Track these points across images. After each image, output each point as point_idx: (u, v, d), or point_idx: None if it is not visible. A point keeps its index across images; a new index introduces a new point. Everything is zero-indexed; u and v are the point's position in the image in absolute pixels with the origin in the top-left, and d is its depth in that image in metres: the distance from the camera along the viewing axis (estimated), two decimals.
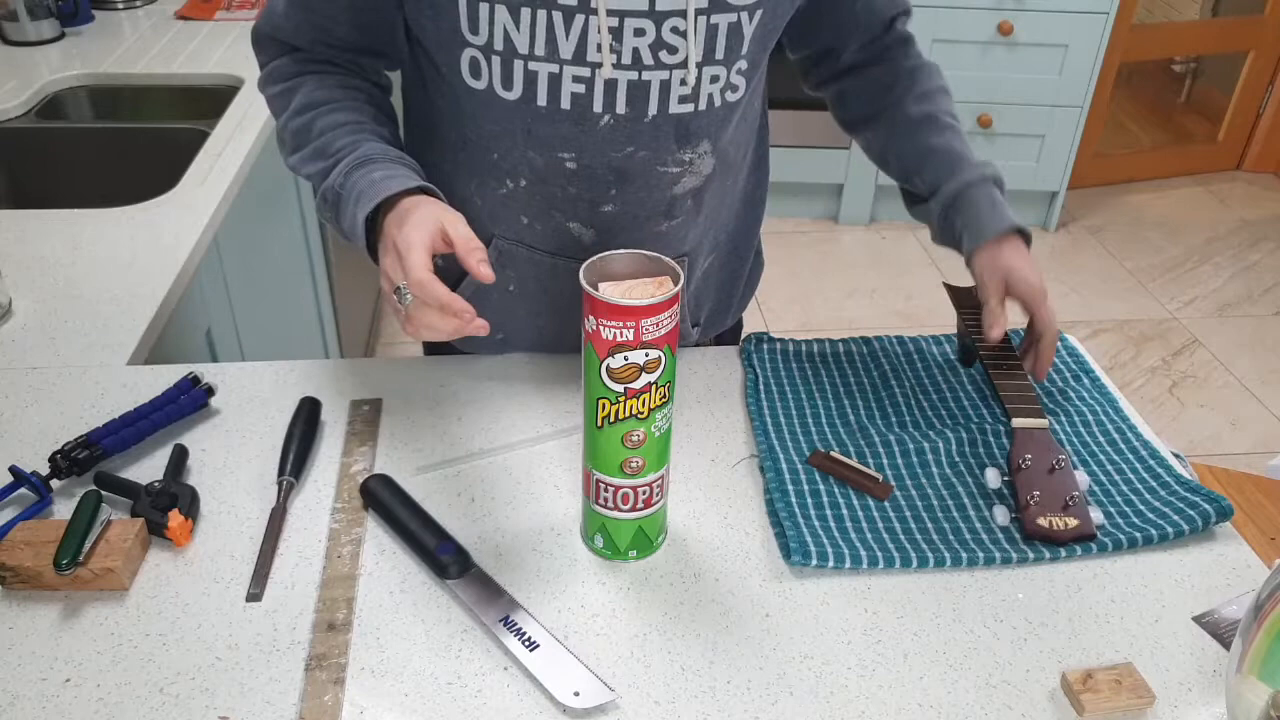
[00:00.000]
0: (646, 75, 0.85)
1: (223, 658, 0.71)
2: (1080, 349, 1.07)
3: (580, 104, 0.86)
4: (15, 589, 0.76)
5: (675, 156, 0.91)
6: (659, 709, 0.69)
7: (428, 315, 0.75)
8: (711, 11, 0.83)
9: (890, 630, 0.75)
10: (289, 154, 0.92)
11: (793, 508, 0.84)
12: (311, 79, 0.91)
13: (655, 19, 0.82)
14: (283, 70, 0.93)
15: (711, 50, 0.86)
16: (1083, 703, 0.69)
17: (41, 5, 1.90)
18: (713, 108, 0.89)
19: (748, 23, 0.86)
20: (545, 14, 0.81)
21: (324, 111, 0.89)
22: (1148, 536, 0.82)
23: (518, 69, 0.84)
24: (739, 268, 1.12)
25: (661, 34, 0.83)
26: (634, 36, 0.83)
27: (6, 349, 1.05)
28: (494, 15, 0.82)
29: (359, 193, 0.83)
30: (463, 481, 0.88)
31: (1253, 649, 0.62)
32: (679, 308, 0.69)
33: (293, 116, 0.91)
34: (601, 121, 0.87)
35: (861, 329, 2.73)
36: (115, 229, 1.28)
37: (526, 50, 0.83)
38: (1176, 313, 2.98)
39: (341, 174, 0.85)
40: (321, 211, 0.89)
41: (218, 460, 0.89)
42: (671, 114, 0.88)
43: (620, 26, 0.82)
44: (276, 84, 0.93)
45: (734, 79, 0.89)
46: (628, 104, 0.86)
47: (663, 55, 0.84)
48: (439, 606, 0.76)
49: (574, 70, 0.84)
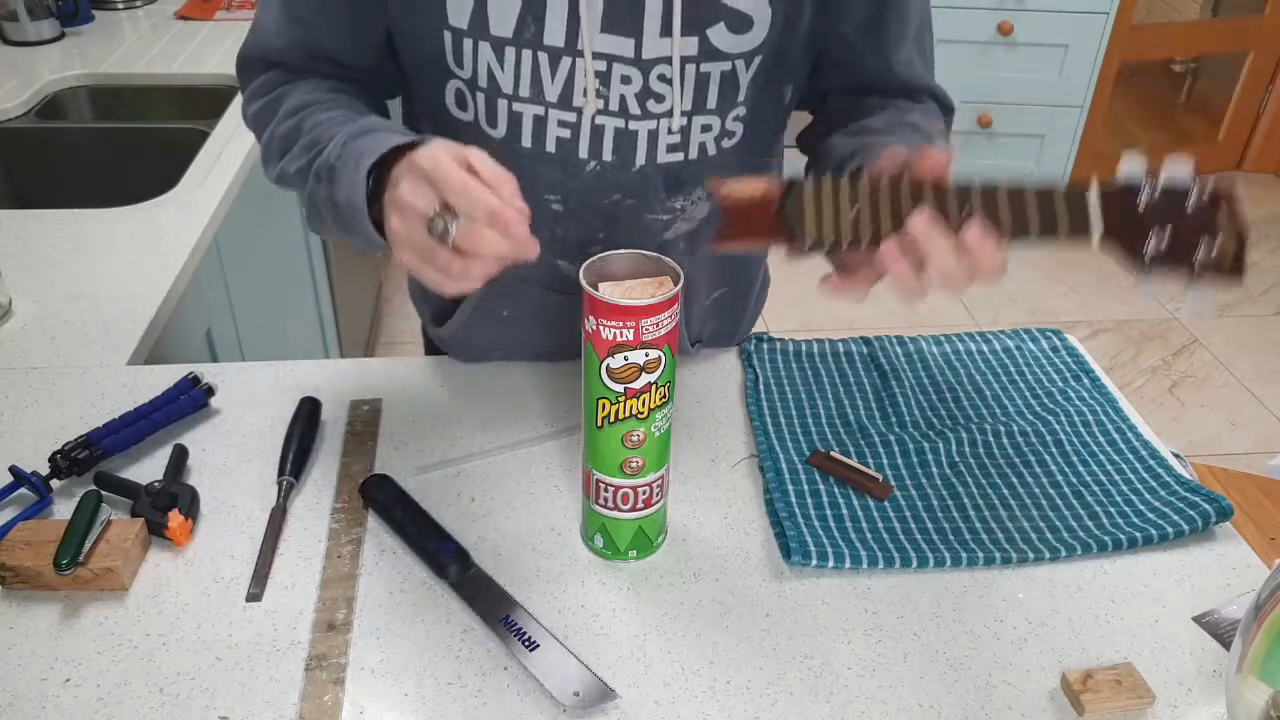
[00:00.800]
0: (634, 125, 0.83)
1: (223, 658, 0.71)
2: (1080, 349, 1.07)
3: (566, 149, 0.84)
4: (15, 589, 0.76)
5: (665, 204, 0.89)
6: (659, 709, 0.69)
7: (483, 236, 0.63)
8: (701, 60, 0.80)
9: (890, 630, 0.75)
10: (277, 160, 0.82)
11: (793, 508, 0.84)
12: (302, 83, 0.85)
13: (641, 67, 0.80)
14: (270, 82, 0.87)
15: (702, 99, 0.82)
16: (1083, 703, 0.69)
17: (41, 5, 1.90)
18: (706, 156, 0.87)
19: (744, 71, 0.82)
20: (530, 54, 0.79)
21: (317, 109, 0.81)
22: (1148, 536, 0.82)
23: (502, 107, 0.82)
24: (741, 298, 1.10)
25: (648, 82, 0.81)
26: (620, 84, 0.80)
27: (6, 349, 1.05)
28: (478, 52, 0.79)
29: (359, 153, 0.72)
30: (463, 481, 0.88)
31: (1253, 649, 0.62)
32: (679, 308, 0.69)
33: (282, 120, 0.83)
34: (587, 168, 0.85)
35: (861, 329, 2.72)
36: (115, 229, 1.28)
37: (511, 90, 0.81)
38: (1176, 313, 2.98)
39: (339, 144, 0.75)
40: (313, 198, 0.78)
41: (218, 460, 0.89)
42: (660, 163, 0.85)
43: (608, 71, 0.80)
44: (262, 97, 0.86)
45: (730, 126, 0.86)
46: (614, 151, 0.84)
47: (650, 104, 0.82)
48: (439, 606, 0.76)
49: (559, 114, 0.82)
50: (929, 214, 0.63)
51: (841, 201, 0.65)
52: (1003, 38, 2.97)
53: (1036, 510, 0.85)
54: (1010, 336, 1.08)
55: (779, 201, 0.67)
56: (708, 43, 0.80)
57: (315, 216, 0.80)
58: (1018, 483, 0.88)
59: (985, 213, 0.62)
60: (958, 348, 1.07)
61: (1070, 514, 0.85)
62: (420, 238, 0.66)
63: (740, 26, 0.80)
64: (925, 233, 0.63)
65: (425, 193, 0.65)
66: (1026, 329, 1.09)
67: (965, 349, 1.06)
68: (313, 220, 0.81)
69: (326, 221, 0.79)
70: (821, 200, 0.66)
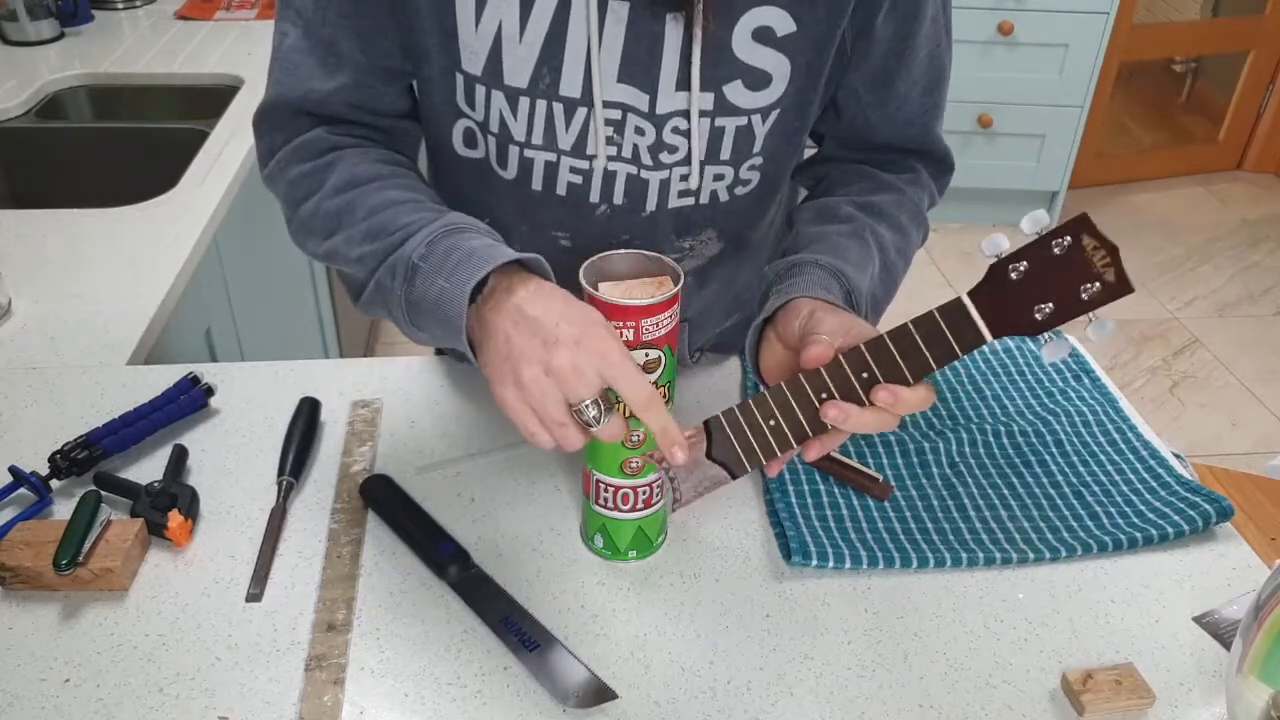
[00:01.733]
0: (645, 174, 0.82)
1: (223, 658, 0.71)
2: (1080, 349, 1.07)
3: (577, 193, 0.84)
4: (15, 589, 0.76)
5: (674, 244, 0.89)
6: (659, 709, 0.69)
7: (618, 432, 0.65)
8: (716, 115, 0.79)
9: (890, 630, 0.75)
10: (321, 239, 0.78)
11: (793, 508, 0.84)
12: (351, 153, 0.79)
13: (655, 121, 0.79)
14: (315, 144, 0.80)
15: (716, 151, 0.82)
16: (1083, 703, 0.69)
17: (41, 5, 1.90)
18: (718, 201, 0.86)
19: (760, 125, 0.81)
20: (545, 105, 0.78)
21: (374, 189, 0.76)
22: (1148, 536, 0.82)
23: (513, 153, 0.82)
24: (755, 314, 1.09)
25: (662, 135, 0.80)
26: (634, 134, 0.80)
27: (6, 349, 1.05)
28: (490, 99, 0.79)
29: (457, 260, 0.68)
30: (463, 481, 0.88)
31: (1253, 649, 0.62)
32: (679, 308, 0.69)
33: (330, 196, 0.77)
34: (598, 210, 0.85)
35: None
36: (115, 229, 1.28)
37: (523, 138, 0.80)
38: (1177, 313, 2.98)
39: (424, 242, 0.70)
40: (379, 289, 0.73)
41: (218, 460, 0.89)
42: (670, 208, 0.85)
43: (623, 121, 0.79)
44: (306, 161, 0.80)
45: (744, 174, 0.85)
46: (625, 196, 0.84)
47: (663, 156, 0.81)
48: (439, 606, 0.76)
49: (572, 161, 0.82)
50: (833, 405, 0.66)
51: (756, 421, 0.68)
52: (1003, 38, 2.97)
53: (1036, 510, 0.85)
54: (1010, 336, 1.08)
55: (707, 447, 0.70)
56: (724, 99, 0.79)
57: (375, 305, 0.75)
58: (1018, 483, 0.88)
59: (883, 371, 0.65)
60: None
61: (1070, 514, 0.85)
62: (554, 410, 0.63)
63: (758, 84, 0.79)
64: (841, 421, 0.65)
65: (591, 379, 0.62)
66: None
67: None
68: (369, 308, 0.76)
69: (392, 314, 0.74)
70: (741, 428, 0.69)
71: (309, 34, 0.79)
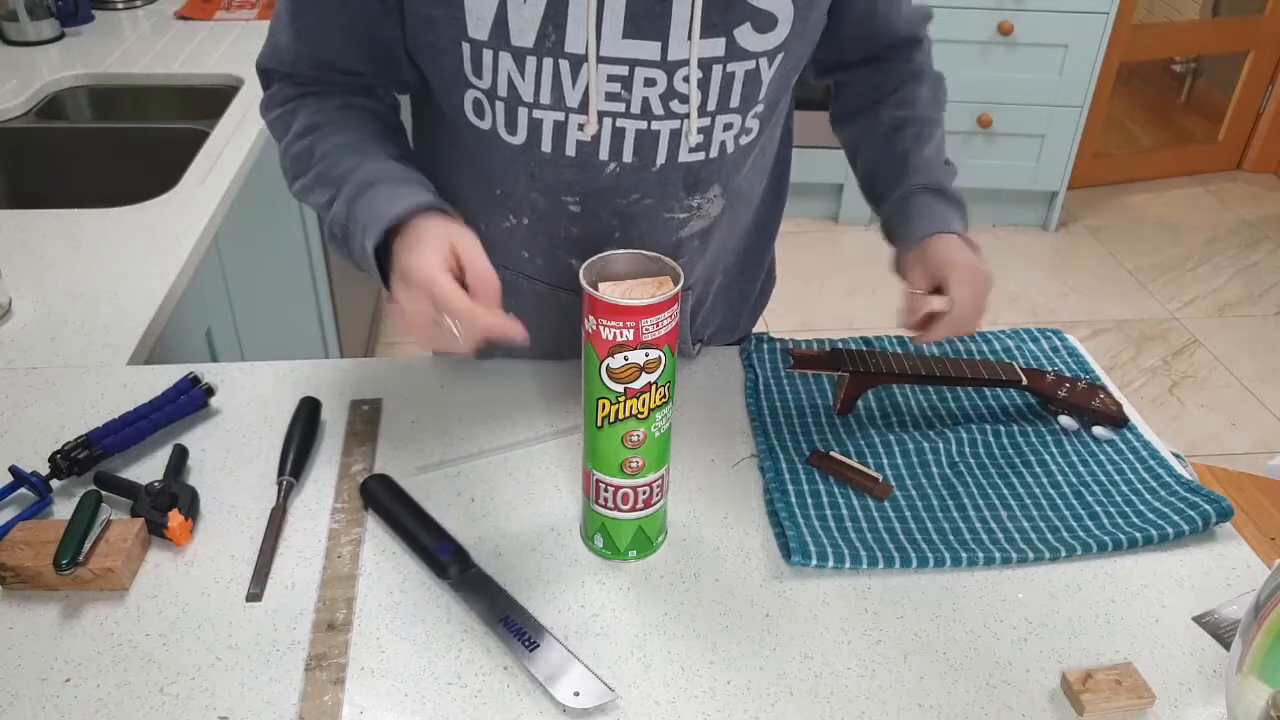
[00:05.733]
0: (656, 125, 0.83)
1: (223, 658, 0.71)
2: (1080, 349, 1.07)
3: (585, 151, 0.84)
4: (15, 589, 0.76)
5: (683, 203, 0.90)
6: (659, 709, 0.69)
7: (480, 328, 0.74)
8: (728, 60, 0.81)
9: (890, 630, 0.75)
10: (291, 181, 0.89)
11: (793, 508, 0.84)
12: (311, 100, 0.88)
13: (667, 69, 0.80)
14: (282, 94, 0.89)
15: (726, 99, 0.83)
16: (1083, 703, 0.69)
17: (41, 5, 1.90)
18: (725, 154, 0.87)
19: (766, 69, 0.83)
20: (551, 63, 0.79)
21: (323, 134, 0.86)
22: (1148, 536, 0.82)
23: (522, 115, 0.83)
24: (748, 287, 1.10)
25: (673, 83, 0.81)
26: (644, 86, 0.81)
27: (6, 349, 1.05)
28: (498, 62, 0.80)
29: (364, 223, 0.79)
30: (463, 481, 0.88)
31: (1253, 649, 0.62)
32: (679, 308, 0.69)
33: (293, 141, 0.87)
34: (607, 169, 0.86)
35: (862, 329, 2.72)
36: (115, 229, 1.28)
37: (531, 98, 0.81)
38: (1176, 313, 2.98)
39: (345, 203, 0.81)
40: (331, 246, 0.86)
41: (218, 460, 0.89)
42: (680, 163, 0.86)
43: (630, 76, 0.80)
44: (275, 108, 0.90)
45: (749, 123, 0.87)
46: (635, 153, 0.85)
47: (674, 105, 0.82)
48: (439, 606, 0.76)
49: (579, 119, 0.82)
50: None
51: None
52: (1003, 38, 2.97)
53: (1036, 510, 0.85)
54: (1010, 336, 1.08)
55: None
56: (734, 43, 0.80)
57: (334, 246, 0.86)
58: (1018, 483, 0.88)
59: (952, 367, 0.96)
60: (958, 348, 1.07)
61: (1070, 514, 0.85)
62: (424, 335, 0.75)
63: (765, 25, 0.81)
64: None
65: (425, 306, 0.73)
66: (1026, 329, 1.10)
67: (965, 349, 1.06)
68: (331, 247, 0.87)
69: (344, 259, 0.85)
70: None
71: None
